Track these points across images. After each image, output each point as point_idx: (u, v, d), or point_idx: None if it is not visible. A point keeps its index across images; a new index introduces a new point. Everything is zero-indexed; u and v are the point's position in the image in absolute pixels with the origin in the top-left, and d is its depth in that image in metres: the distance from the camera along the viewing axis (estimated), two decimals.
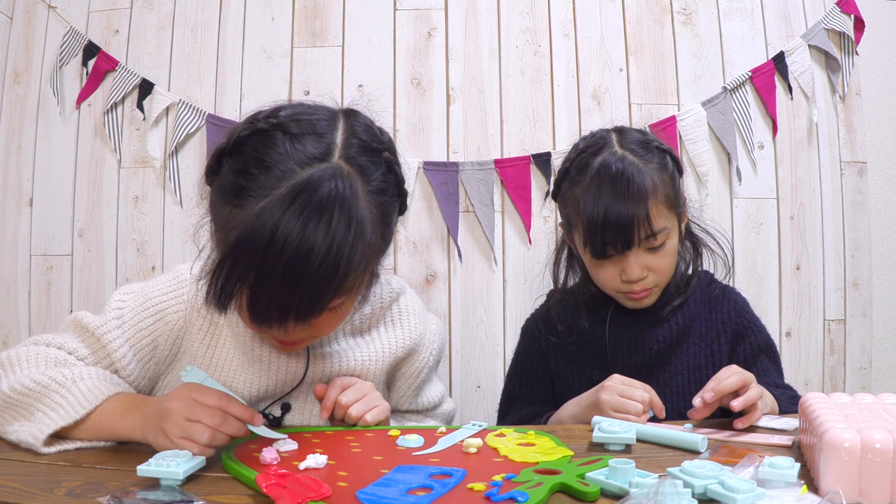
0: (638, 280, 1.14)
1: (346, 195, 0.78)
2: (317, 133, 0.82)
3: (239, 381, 0.98)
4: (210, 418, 0.77)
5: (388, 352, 1.06)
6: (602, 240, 1.11)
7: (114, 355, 0.96)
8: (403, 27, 1.68)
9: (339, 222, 0.77)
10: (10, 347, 0.98)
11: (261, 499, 0.67)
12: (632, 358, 1.20)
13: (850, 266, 1.72)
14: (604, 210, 1.09)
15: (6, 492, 0.69)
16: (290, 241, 0.75)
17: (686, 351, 1.20)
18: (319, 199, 0.77)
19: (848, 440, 0.65)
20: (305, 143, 0.81)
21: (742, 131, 1.67)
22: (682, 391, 1.18)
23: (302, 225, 0.75)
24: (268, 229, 0.75)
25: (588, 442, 0.88)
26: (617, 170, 1.11)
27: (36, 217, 1.70)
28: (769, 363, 1.20)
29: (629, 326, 1.22)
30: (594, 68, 1.68)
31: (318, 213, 0.76)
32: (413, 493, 0.65)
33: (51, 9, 1.71)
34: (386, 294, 1.08)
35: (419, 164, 1.62)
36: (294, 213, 0.76)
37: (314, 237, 0.76)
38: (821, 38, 1.69)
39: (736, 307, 1.24)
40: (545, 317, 1.30)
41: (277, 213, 0.76)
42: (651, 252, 1.14)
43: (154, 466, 0.69)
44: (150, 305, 0.99)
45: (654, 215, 1.10)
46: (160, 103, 1.65)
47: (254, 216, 0.76)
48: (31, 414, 0.85)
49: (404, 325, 1.09)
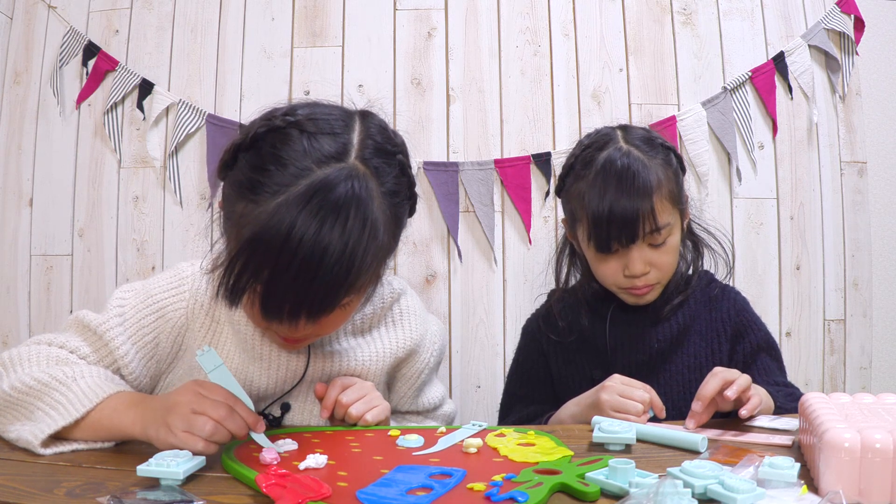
0: (640, 275, 1.14)
1: (361, 196, 0.79)
2: (333, 132, 0.83)
3: (240, 378, 0.98)
4: (215, 411, 0.77)
5: (389, 352, 1.06)
6: (607, 234, 1.11)
7: (116, 353, 0.96)
8: (403, 27, 1.68)
9: (354, 223, 0.78)
10: (11, 347, 0.98)
11: (261, 499, 0.66)
12: (632, 356, 1.20)
13: (850, 266, 1.72)
14: (609, 204, 1.10)
15: (6, 492, 0.69)
16: (306, 240, 0.75)
17: (686, 350, 1.20)
18: (336, 199, 0.77)
19: (848, 440, 0.65)
20: (322, 141, 0.81)
21: (742, 131, 1.67)
22: (682, 390, 1.18)
23: (318, 224, 0.76)
24: (284, 227, 0.76)
25: (588, 442, 0.87)
26: (622, 165, 1.11)
27: (36, 217, 1.70)
28: (770, 361, 1.21)
29: (630, 325, 1.22)
30: (594, 68, 1.68)
31: (334, 213, 0.77)
32: (413, 493, 0.65)
33: (51, 9, 1.71)
34: (387, 294, 1.08)
35: (419, 164, 1.62)
36: (310, 212, 0.76)
37: (330, 237, 0.76)
38: (821, 38, 1.69)
39: (736, 306, 1.24)
40: (546, 315, 1.30)
41: (294, 212, 0.76)
42: (654, 248, 1.14)
43: (154, 466, 0.69)
44: (152, 303, 0.99)
45: (658, 210, 1.11)
46: (160, 103, 1.65)
47: (269, 213, 0.77)
48: (31, 413, 0.85)
49: (405, 325, 1.09)
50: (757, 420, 0.97)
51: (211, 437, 0.76)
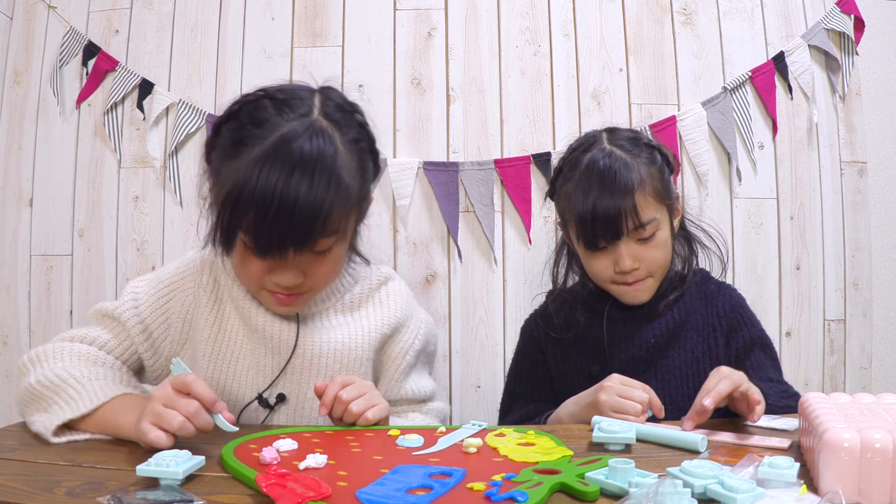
0: (630, 270, 1.17)
1: (324, 142, 0.93)
2: (300, 98, 0.98)
3: (245, 350, 1.08)
4: (185, 406, 0.81)
5: (376, 328, 1.13)
6: (593, 232, 1.16)
7: (132, 332, 1.06)
8: (403, 27, 1.68)
9: (319, 166, 0.91)
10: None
11: (261, 499, 0.67)
12: (629, 352, 1.21)
13: (850, 266, 1.72)
14: (592, 203, 1.15)
15: (6, 492, 0.69)
16: (280, 183, 0.89)
17: (683, 345, 1.21)
18: (301, 146, 0.91)
19: (848, 440, 0.65)
20: (290, 104, 0.96)
21: (742, 131, 1.67)
22: (680, 384, 1.19)
23: (289, 168, 0.89)
24: (258, 175, 0.89)
25: (588, 442, 0.88)
26: (604, 165, 1.16)
27: (36, 217, 1.70)
28: (764, 357, 1.21)
29: (626, 321, 1.23)
30: (594, 68, 1.68)
31: (301, 158, 0.90)
32: (413, 493, 0.65)
33: (51, 9, 1.71)
34: (374, 276, 1.17)
35: (419, 164, 1.62)
36: (281, 159, 0.90)
37: (300, 178, 0.89)
38: (821, 38, 1.69)
39: (731, 302, 1.25)
40: (544, 314, 1.32)
41: (266, 161, 0.90)
42: (641, 243, 1.17)
43: (154, 466, 0.69)
44: (162, 287, 1.09)
45: (641, 206, 1.14)
46: (160, 103, 1.65)
47: (246, 165, 0.91)
48: (48, 406, 0.92)
49: (391, 304, 1.16)
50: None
51: (179, 431, 0.80)
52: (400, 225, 1.65)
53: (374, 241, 1.64)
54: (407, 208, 1.63)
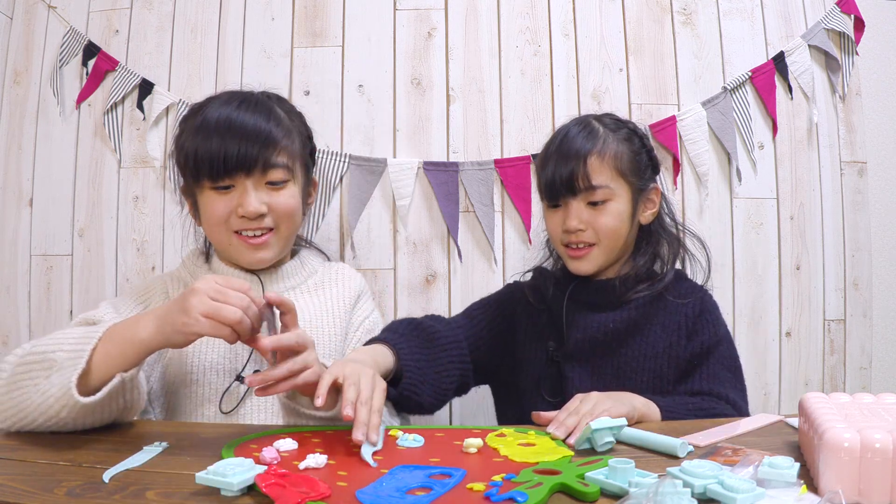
0: (575, 230, 1.21)
1: (265, 98, 1.19)
2: (242, 93, 1.19)
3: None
4: (238, 300, 0.79)
5: (341, 300, 1.25)
6: (549, 186, 1.23)
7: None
8: (403, 27, 1.68)
9: (262, 102, 1.16)
10: (10, 347, 1.00)
11: (261, 499, 0.67)
12: (587, 333, 1.22)
13: (850, 266, 1.72)
14: (555, 160, 1.22)
15: (6, 492, 0.69)
16: (227, 110, 1.11)
17: (646, 338, 1.21)
18: (247, 93, 1.18)
19: (848, 440, 0.65)
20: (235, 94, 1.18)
21: (742, 131, 1.67)
22: (635, 376, 1.20)
23: (236, 104, 1.13)
24: (206, 111, 1.12)
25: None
26: (568, 129, 1.25)
27: (36, 217, 1.70)
28: (720, 369, 1.19)
29: (587, 304, 1.25)
30: (594, 68, 1.68)
31: (247, 99, 1.15)
32: (413, 493, 0.66)
33: (51, 9, 1.71)
34: (333, 266, 1.33)
35: (419, 164, 1.62)
36: (226, 98, 1.15)
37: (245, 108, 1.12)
38: (821, 38, 1.70)
39: (701, 305, 1.25)
40: (530, 282, 1.36)
41: (212, 101, 1.15)
42: (592, 207, 1.21)
43: (212, 475, 0.68)
44: (140, 291, 1.18)
45: (593, 169, 1.19)
46: (160, 103, 1.65)
47: (202, 115, 1.12)
48: (50, 365, 0.84)
49: (345, 278, 1.30)
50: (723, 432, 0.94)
51: (238, 324, 0.77)
52: (400, 225, 1.65)
53: (375, 241, 1.64)
54: (407, 208, 1.63)
